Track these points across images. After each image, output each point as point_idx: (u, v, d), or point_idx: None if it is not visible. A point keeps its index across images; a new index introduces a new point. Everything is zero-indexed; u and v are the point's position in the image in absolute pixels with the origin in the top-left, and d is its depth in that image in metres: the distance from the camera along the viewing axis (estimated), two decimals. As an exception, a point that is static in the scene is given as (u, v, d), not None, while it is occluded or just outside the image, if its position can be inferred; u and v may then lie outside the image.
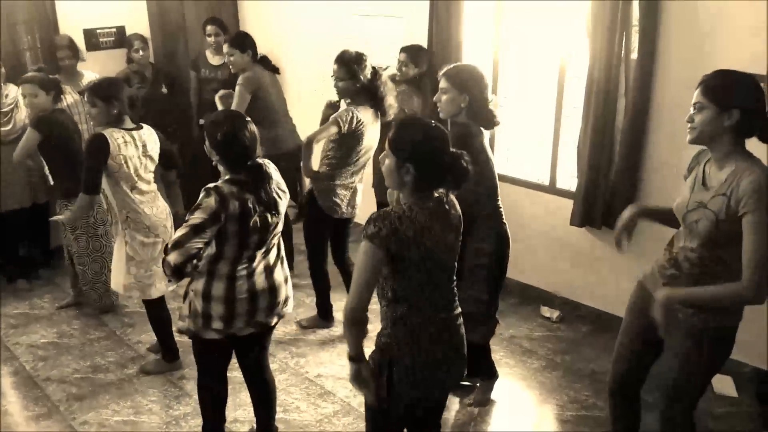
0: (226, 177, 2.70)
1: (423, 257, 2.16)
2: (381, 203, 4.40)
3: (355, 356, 2.23)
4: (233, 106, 4.49)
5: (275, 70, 4.83)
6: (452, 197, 2.29)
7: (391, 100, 3.90)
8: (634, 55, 3.70)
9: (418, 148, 2.15)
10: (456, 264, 2.33)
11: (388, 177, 2.22)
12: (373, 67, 3.82)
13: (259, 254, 2.77)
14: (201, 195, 2.60)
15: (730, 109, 2.19)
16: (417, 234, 2.13)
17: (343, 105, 3.93)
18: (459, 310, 2.36)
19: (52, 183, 4.30)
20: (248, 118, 2.77)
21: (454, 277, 2.34)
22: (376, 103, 3.84)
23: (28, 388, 3.78)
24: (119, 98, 3.43)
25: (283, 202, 2.83)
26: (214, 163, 2.76)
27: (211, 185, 2.62)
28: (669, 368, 2.52)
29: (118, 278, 3.64)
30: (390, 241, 2.09)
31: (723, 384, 3.62)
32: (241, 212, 2.61)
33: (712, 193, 2.27)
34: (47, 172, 4.30)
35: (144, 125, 3.59)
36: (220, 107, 4.42)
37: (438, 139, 2.17)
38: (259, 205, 2.68)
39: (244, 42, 4.62)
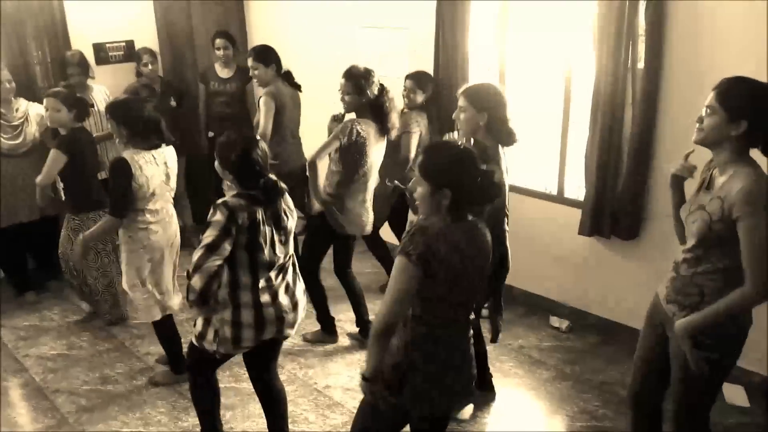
0: (234, 192, 2.73)
1: (450, 277, 2.15)
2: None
3: (371, 376, 2.22)
4: (261, 118, 4.45)
5: (297, 87, 4.73)
6: (484, 226, 2.29)
7: (395, 118, 3.90)
8: (641, 65, 3.70)
9: (453, 172, 2.15)
10: (479, 290, 2.33)
11: (423, 203, 2.21)
12: (381, 84, 3.83)
13: (274, 275, 2.80)
14: (210, 212, 2.63)
15: (739, 120, 2.20)
16: (448, 253, 2.13)
17: (348, 118, 3.94)
18: (472, 332, 2.38)
19: (63, 198, 4.31)
20: (258, 137, 2.81)
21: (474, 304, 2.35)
22: (382, 119, 3.84)
23: (37, 399, 3.79)
24: (130, 122, 3.44)
25: (291, 222, 2.87)
26: (225, 186, 2.78)
27: (219, 201, 2.65)
28: (674, 374, 2.52)
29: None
30: (425, 257, 2.09)
31: (734, 394, 3.59)
32: (250, 224, 2.63)
33: (711, 195, 2.31)
34: (59, 186, 4.31)
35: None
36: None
37: (469, 160, 2.19)
38: (268, 219, 2.71)
39: (268, 56, 4.56)
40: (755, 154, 2.29)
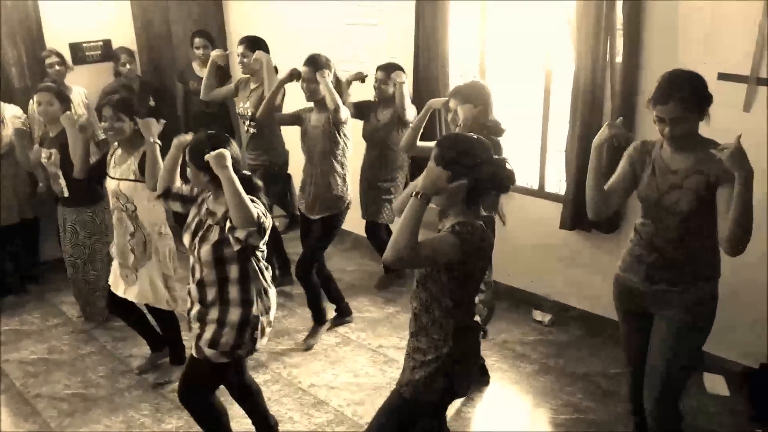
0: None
1: (480, 270, 2.27)
2: None
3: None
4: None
5: None
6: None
7: (347, 102, 4.07)
8: (619, 59, 3.73)
9: (471, 161, 2.19)
10: None
11: (441, 195, 2.18)
12: (335, 74, 3.93)
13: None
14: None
15: (705, 111, 2.39)
16: (487, 249, 2.26)
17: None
18: None
19: (66, 195, 4.16)
20: (228, 136, 2.77)
21: None
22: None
23: (18, 405, 3.74)
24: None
25: None
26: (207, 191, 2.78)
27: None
28: (659, 356, 2.59)
29: (162, 297, 3.69)
30: (473, 249, 2.17)
31: (715, 383, 3.62)
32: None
33: (682, 174, 2.45)
34: (62, 183, 4.11)
35: None
36: None
37: (485, 149, 2.25)
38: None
39: (262, 46, 4.54)
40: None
